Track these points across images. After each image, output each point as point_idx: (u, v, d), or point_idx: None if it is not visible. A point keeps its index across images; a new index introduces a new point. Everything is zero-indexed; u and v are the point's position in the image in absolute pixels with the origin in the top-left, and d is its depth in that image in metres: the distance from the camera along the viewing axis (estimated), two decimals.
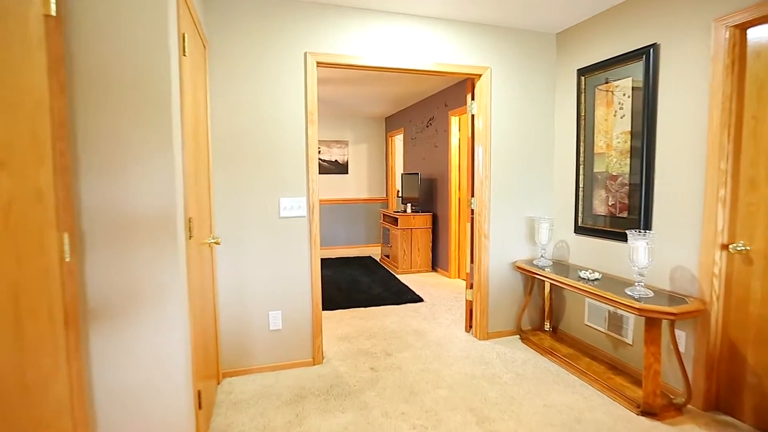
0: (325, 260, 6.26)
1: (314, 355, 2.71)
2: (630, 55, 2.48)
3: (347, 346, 3.02)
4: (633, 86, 2.48)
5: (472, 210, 3.14)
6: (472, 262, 3.18)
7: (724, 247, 2.04)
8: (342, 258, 6.43)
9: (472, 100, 3.10)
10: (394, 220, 5.66)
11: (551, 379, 2.50)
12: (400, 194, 6.06)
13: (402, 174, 5.98)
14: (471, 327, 3.25)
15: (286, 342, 2.66)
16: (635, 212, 2.50)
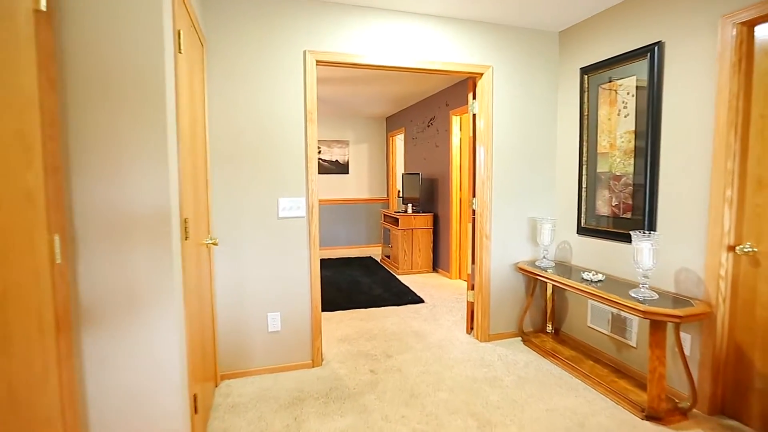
0: (325, 261, 6.23)
1: (313, 357, 2.68)
2: (634, 54, 2.44)
3: (347, 348, 2.99)
4: (637, 85, 2.44)
5: (474, 210, 3.11)
6: (473, 263, 3.14)
7: (731, 248, 2.01)
8: (342, 258, 6.40)
9: (474, 99, 3.06)
10: (394, 221, 5.62)
11: (554, 382, 2.47)
12: (400, 194, 6.02)
13: (403, 174, 5.94)
14: (472, 329, 3.22)
15: (285, 344, 2.62)
16: (639, 213, 2.46)
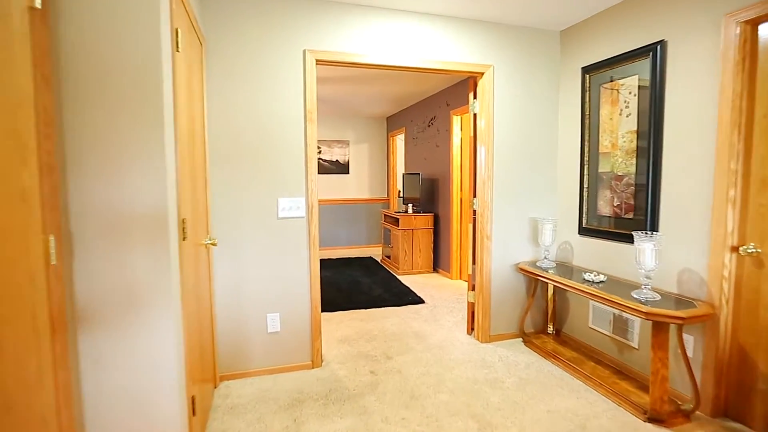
0: (325, 261, 6.21)
1: (313, 358, 2.66)
2: (636, 53, 2.43)
3: (347, 349, 2.97)
4: (639, 84, 2.42)
5: (474, 210, 3.09)
6: (474, 264, 3.13)
7: (734, 249, 1.99)
8: (343, 258, 6.38)
9: (474, 98, 3.04)
10: (395, 221, 5.61)
11: (555, 384, 2.45)
12: (401, 194, 6.00)
13: (403, 174, 5.92)
14: (473, 329, 3.20)
15: (285, 345, 2.61)
16: (641, 213, 2.44)
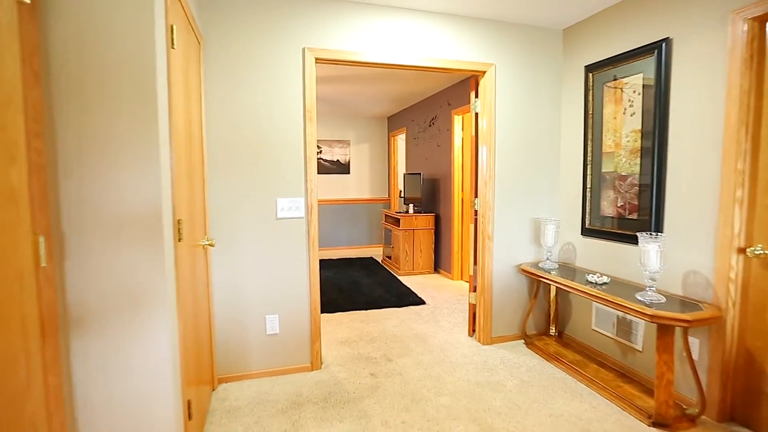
0: (326, 261, 6.18)
1: (312, 360, 2.63)
2: (640, 51, 2.39)
3: (347, 351, 2.94)
4: (644, 83, 2.39)
5: (476, 211, 3.06)
6: (475, 265, 3.09)
7: (741, 250, 1.95)
8: (343, 259, 6.35)
9: (476, 98, 3.01)
10: (396, 221, 5.57)
11: (557, 387, 2.41)
12: (402, 194, 5.97)
13: (404, 174, 5.89)
14: (474, 331, 3.16)
15: (284, 347, 2.58)
16: (645, 214, 2.40)
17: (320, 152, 6.98)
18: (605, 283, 2.44)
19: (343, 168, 7.08)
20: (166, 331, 1.35)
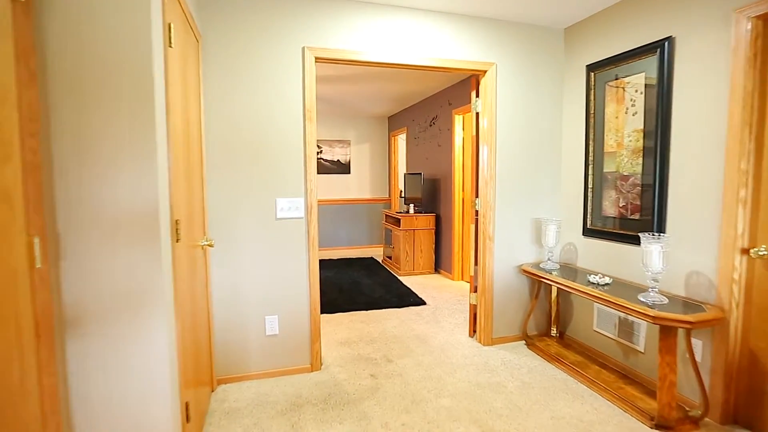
0: (326, 261, 6.17)
1: (312, 361, 2.62)
2: (643, 50, 2.37)
3: (347, 352, 2.92)
4: (646, 82, 2.37)
5: (477, 211, 3.04)
6: (476, 265, 3.07)
7: (745, 251, 1.93)
8: (344, 259, 6.34)
9: (477, 97, 2.99)
10: (396, 221, 5.56)
11: (559, 388, 2.40)
12: (402, 194, 5.95)
13: (405, 174, 5.87)
14: (475, 332, 3.15)
15: (283, 347, 2.56)
16: (648, 214, 2.38)
17: (321, 152, 6.97)
18: (607, 284, 2.42)
19: (343, 168, 7.07)
20: (164, 333, 1.33)
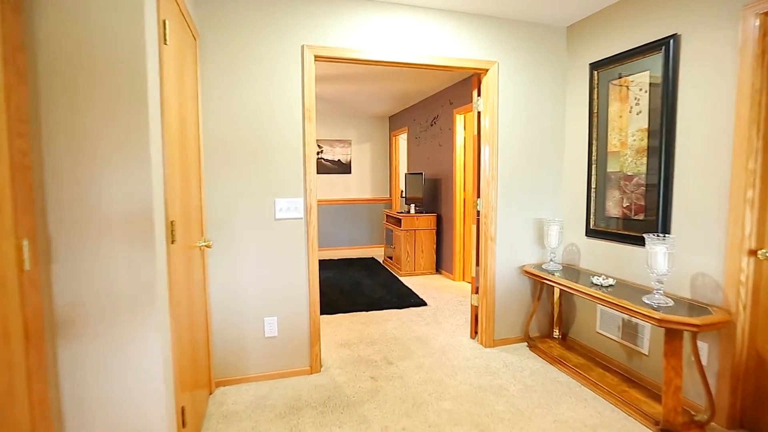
0: (327, 261, 6.14)
1: (312, 363, 2.59)
2: (647, 48, 2.33)
3: (347, 353, 2.89)
4: (650, 81, 2.33)
5: (478, 211, 3.00)
6: (477, 266, 3.04)
7: (752, 252, 1.89)
8: (344, 259, 6.31)
9: (478, 96, 2.96)
10: (397, 221, 5.53)
11: (562, 391, 2.36)
12: (403, 194, 5.92)
13: (406, 174, 5.84)
14: (476, 333, 3.11)
15: (283, 350, 2.53)
16: (652, 214, 2.34)
17: (321, 152, 6.94)
18: (611, 286, 2.38)
19: (344, 168, 7.04)
20: (158, 337, 1.30)
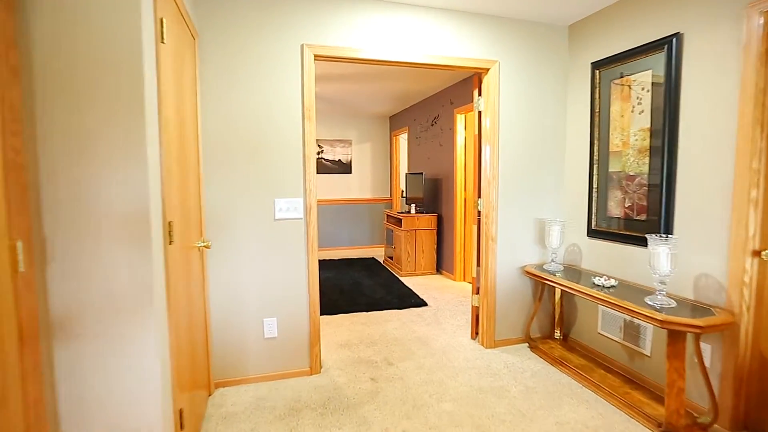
0: (327, 261, 6.12)
1: (312, 364, 2.57)
2: (650, 47, 2.31)
3: (347, 354, 2.88)
4: (653, 80, 2.31)
5: (479, 211, 2.99)
6: (478, 266, 3.02)
7: (756, 253, 1.87)
8: (345, 259, 6.29)
9: (479, 96, 2.94)
10: (398, 221, 5.51)
11: (563, 393, 2.34)
12: (404, 194, 5.90)
13: (406, 174, 5.82)
14: (477, 334, 3.09)
15: (282, 350, 2.52)
16: (654, 214, 2.33)
17: (322, 152, 6.93)
18: (612, 286, 2.36)
19: (344, 168, 7.02)
20: (156, 338, 1.29)
